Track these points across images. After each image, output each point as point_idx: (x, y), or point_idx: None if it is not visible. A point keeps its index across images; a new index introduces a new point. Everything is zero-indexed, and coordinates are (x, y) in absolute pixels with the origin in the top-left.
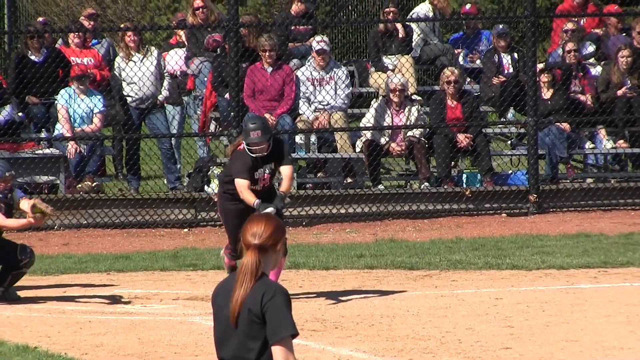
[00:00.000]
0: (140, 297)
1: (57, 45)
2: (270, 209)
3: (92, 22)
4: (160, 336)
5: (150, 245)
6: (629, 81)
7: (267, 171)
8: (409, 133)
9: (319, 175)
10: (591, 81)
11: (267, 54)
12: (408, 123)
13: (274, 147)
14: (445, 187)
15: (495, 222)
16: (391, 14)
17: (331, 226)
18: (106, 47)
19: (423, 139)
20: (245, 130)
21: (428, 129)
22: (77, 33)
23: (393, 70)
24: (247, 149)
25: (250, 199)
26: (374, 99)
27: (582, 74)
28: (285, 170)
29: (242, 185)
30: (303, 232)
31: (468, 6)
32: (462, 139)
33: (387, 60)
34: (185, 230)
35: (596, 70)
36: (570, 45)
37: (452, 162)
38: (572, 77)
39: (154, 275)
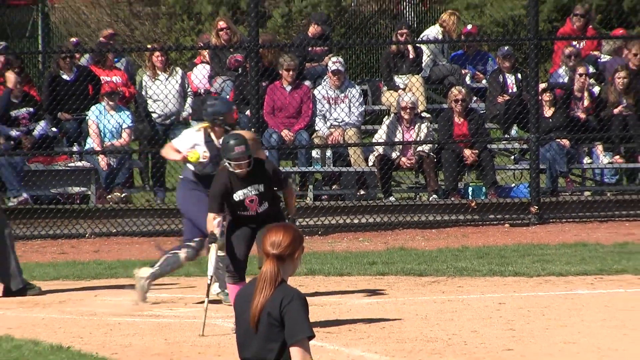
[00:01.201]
0: (166, 301)
1: (80, 63)
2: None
3: (111, 43)
4: (185, 337)
5: None
6: (624, 100)
7: (253, 192)
8: (419, 148)
9: (334, 187)
10: (592, 104)
11: (288, 73)
12: (418, 139)
13: (260, 166)
14: (452, 199)
15: (498, 232)
16: (404, 36)
17: (345, 235)
18: (124, 65)
19: (432, 153)
20: (227, 147)
21: (436, 145)
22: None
23: (404, 89)
24: (230, 164)
25: (209, 228)
26: (386, 116)
27: (588, 96)
28: (286, 195)
29: (208, 217)
30: (319, 240)
31: (469, 26)
32: (469, 154)
33: (399, 80)
34: None
35: (596, 91)
36: (581, 69)
37: (459, 176)
38: (577, 100)
39: (180, 280)
